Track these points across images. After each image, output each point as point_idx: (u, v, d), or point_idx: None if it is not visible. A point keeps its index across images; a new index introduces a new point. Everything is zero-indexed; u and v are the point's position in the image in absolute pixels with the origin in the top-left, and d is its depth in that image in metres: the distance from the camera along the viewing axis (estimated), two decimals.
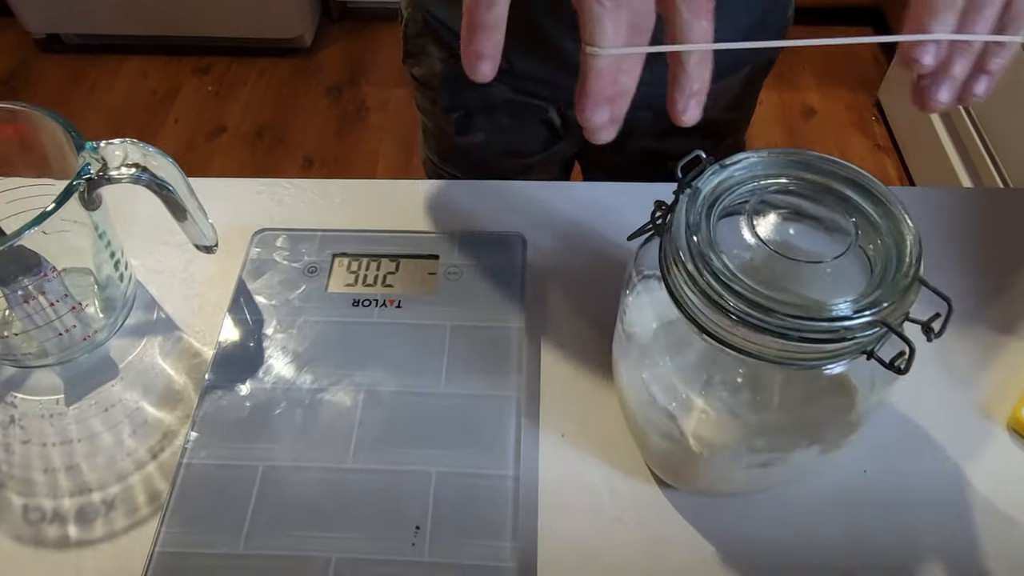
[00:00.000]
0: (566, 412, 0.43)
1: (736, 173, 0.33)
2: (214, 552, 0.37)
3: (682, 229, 0.30)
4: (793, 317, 0.28)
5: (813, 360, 0.30)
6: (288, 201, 0.53)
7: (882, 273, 0.30)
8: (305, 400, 0.42)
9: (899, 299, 0.29)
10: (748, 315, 0.28)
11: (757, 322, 0.28)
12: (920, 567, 0.38)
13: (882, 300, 0.29)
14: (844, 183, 0.32)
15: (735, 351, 0.30)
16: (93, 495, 0.40)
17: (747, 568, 0.38)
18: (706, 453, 0.35)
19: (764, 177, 0.33)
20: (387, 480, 0.39)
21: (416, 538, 0.37)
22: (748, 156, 0.33)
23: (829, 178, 0.33)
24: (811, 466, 0.39)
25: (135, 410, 0.43)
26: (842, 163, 0.33)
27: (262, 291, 0.47)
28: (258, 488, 0.39)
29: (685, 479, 0.39)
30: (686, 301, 0.31)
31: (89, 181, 0.38)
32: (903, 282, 0.29)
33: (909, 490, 0.40)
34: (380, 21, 2.02)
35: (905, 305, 0.29)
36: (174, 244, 0.51)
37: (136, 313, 0.48)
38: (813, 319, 0.28)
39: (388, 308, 0.46)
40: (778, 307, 0.28)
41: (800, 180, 0.33)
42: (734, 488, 0.40)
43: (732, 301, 0.29)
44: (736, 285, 0.29)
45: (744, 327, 0.29)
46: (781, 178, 0.33)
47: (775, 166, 0.33)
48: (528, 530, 0.39)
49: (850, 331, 0.28)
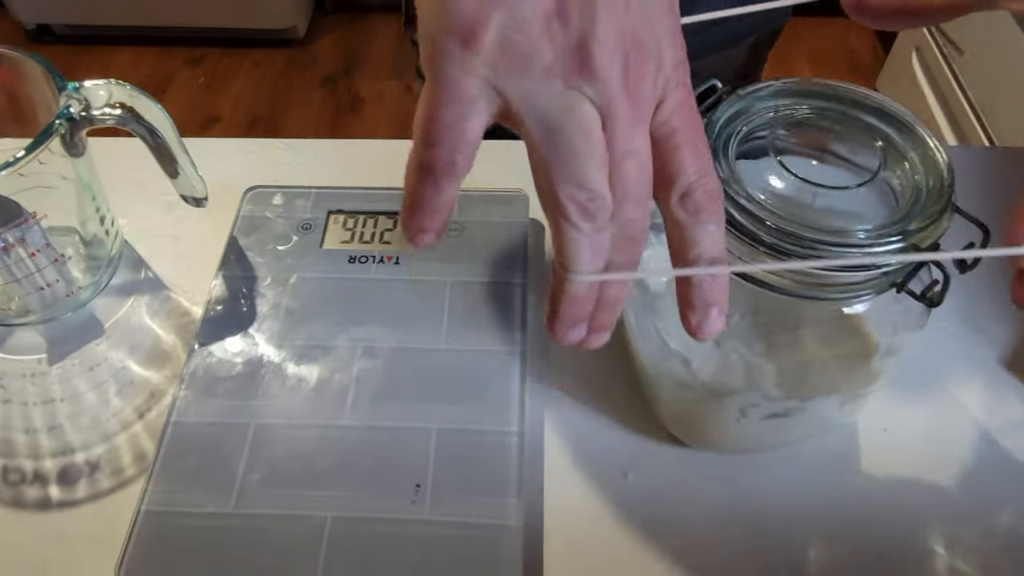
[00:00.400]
0: (571, 369, 0.41)
1: (754, 103, 0.31)
2: (203, 511, 0.35)
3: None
4: (821, 242, 0.26)
5: (839, 294, 0.29)
6: (282, 161, 0.52)
7: (912, 200, 0.28)
8: (300, 356, 0.40)
9: (932, 224, 0.27)
10: (775, 243, 0.27)
11: (787, 247, 0.27)
12: (941, 526, 0.36)
13: (914, 225, 0.27)
14: (867, 111, 0.31)
15: (760, 286, 0.28)
16: (76, 455, 0.38)
17: (759, 527, 0.36)
18: (723, 401, 0.34)
19: (783, 107, 0.31)
20: (386, 437, 0.37)
21: (416, 496, 0.35)
22: (767, 84, 0.31)
23: (851, 106, 0.31)
24: (829, 420, 0.37)
25: (121, 369, 0.41)
26: (864, 91, 0.31)
27: (254, 248, 0.45)
28: (250, 446, 0.37)
29: (700, 434, 0.38)
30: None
31: (71, 122, 0.36)
32: (935, 207, 0.27)
33: (930, 448, 0.38)
34: (374, 13, 2.01)
35: (937, 232, 0.27)
36: (163, 204, 0.49)
37: (123, 272, 0.46)
38: (842, 244, 0.26)
39: (386, 264, 0.44)
40: (806, 232, 0.26)
41: (821, 109, 0.31)
42: (750, 444, 0.38)
43: (757, 228, 0.27)
44: (759, 212, 0.27)
45: (770, 257, 0.27)
46: (801, 107, 0.31)
47: (794, 95, 0.32)
48: (534, 488, 0.37)
49: (880, 257, 0.27)
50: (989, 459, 0.38)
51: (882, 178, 0.29)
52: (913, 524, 0.36)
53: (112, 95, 0.37)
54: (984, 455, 0.38)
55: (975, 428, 0.39)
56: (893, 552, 0.35)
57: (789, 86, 0.31)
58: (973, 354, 0.42)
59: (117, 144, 0.51)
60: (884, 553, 0.35)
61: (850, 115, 0.31)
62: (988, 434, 0.39)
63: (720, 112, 0.30)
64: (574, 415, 0.40)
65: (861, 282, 0.28)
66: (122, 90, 0.38)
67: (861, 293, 0.28)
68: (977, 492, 0.37)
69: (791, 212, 0.27)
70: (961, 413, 0.40)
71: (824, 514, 0.36)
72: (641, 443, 0.39)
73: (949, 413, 0.40)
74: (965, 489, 0.37)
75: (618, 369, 0.41)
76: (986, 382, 0.41)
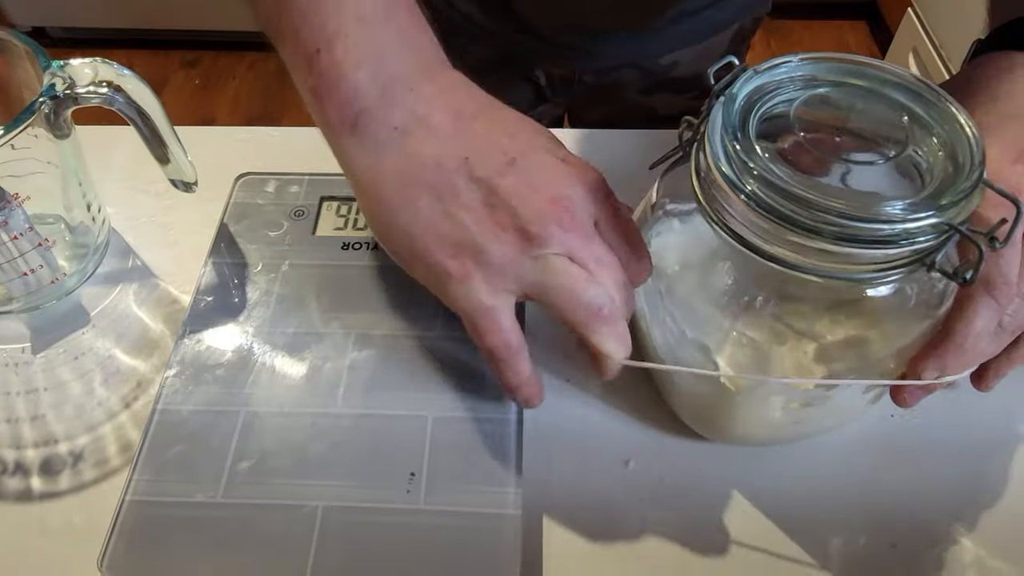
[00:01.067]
0: (571, 356, 0.40)
1: (773, 79, 0.30)
2: (190, 501, 0.34)
3: (718, 136, 0.28)
4: (847, 217, 0.25)
5: (867, 274, 0.27)
6: (274, 148, 0.51)
7: (941, 177, 0.27)
8: (291, 344, 0.39)
9: (965, 199, 0.26)
10: (797, 217, 0.26)
11: (809, 223, 0.25)
12: (948, 513, 0.35)
13: (944, 201, 0.26)
14: (891, 87, 0.30)
15: (784, 267, 0.27)
16: (60, 446, 0.37)
17: (763, 516, 0.35)
18: (744, 392, 0.32)
19: (802, 84, 0.30)
20: (379, 425, 0.36)
21: (411, 485, 0.34)
22: (786, 60, 0.30)
23: (874, 82, 0.30)
24: (853, 410, 0.36)
25: (107, 358, 0.40)
26: (888, 66, 0.30)
27: (245, 235, 0.44)
28: (239, 434, 0.36)
29: (720, 427, 0.36)
30: (726, 215, 0.28)
31: (54, 100, 0.35)
32: (965, 183, 0.26)
33: (936, 435, 0.37)
34: None
35: (969, 207, 0.26)
36: (152, 192, 0.48)
37: (110, 261, 0.45)
38: (868, 220, 0.25)
39: (380, 251, 0.43)
40: (830, 201, 0.25)
41: (842, 85, 0.30)
42: (771, 436, 0.37)
43: (787, 205, 0.26)
44: (783, 184, 0.26)
45: (795, 234, 0.26)
46: (821, 85, 0.30)
47: (813, 72, 0.30)
48: (534, 477, 0.36)
49: (909, 234, 0.25)
50: (1000, 446, 0.37)
51: (908, 155, 0.28)
52: (924, 512, 0.35)
53: (98, 73, 0.36)
54: (995, 442, 0.37)
55: (985, 415, 0.38)
56: (903, 540, 0.34)
57: (808, 62, 0.30)
58: None
59: (107, 132, 0.50)
60: (895, 541, 0.34)
61: (874, 91, 0.30)
62: (999, 422, 0.38)
63: (738, 89, 0.29)
64: (575, 402, 0.39)
65: (890, 261, 0.27)
66: (109, 69, 0.37)
67: (890, 272, 0.27)
68: (988, 480, 0.36)
69: (816, 190, 0.26)
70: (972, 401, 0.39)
71: (833, 503, 0.35)
72: (643, 431, 0.38)
73: (960, 401, 0.39)
74: (975, 477, 0.36)
75: None
76: None
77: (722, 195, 0.28)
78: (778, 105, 0.30)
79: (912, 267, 0.27)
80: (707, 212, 0.29)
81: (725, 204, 0.28)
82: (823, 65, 0.30)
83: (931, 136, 0.28)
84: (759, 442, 0.37)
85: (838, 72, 0.30)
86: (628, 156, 0.49)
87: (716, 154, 0.28)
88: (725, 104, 0.29)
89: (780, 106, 0.30)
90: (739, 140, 0.27)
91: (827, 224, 0.25)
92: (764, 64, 0.30)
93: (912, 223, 0.25)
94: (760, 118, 0.29)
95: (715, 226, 0.29)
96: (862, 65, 0.30)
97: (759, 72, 0.30)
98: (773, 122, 0.29)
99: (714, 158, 0.28)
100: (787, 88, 0.30)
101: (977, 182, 0.26)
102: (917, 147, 0.28)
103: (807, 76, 0.30)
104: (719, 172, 0.27)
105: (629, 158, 0.49)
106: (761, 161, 0.27)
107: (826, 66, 0.30)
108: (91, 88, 0.36)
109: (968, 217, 0.26)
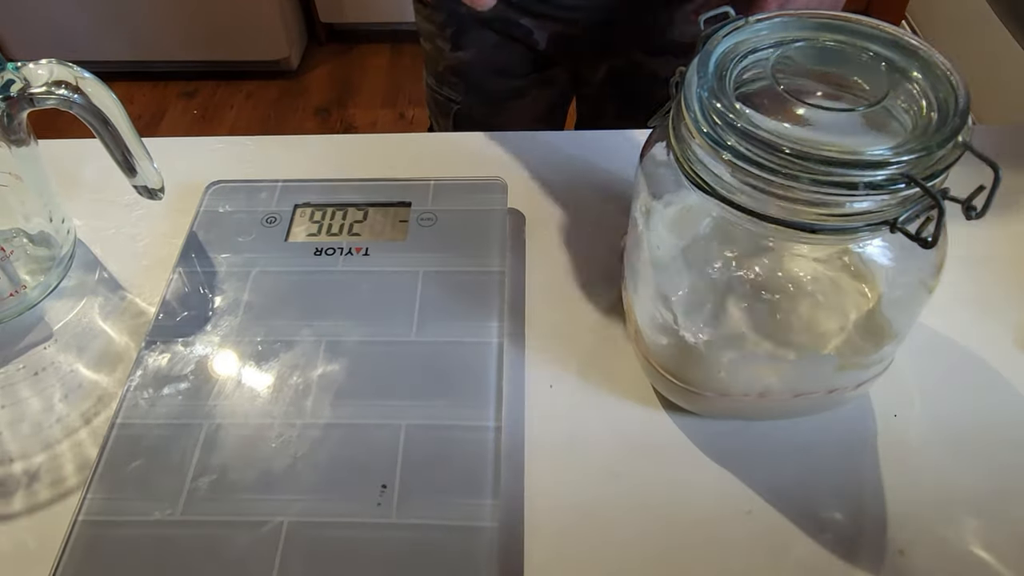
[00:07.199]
0: (555, 360, 0.38)
1: (754, 34, 0.29)
2: (147, 519, 0.32)
3: (694, 85, 0.27)
4: (833, 161, 0.24)
5: (840, 225, 0.26)
6: (248, 158, 0.49)
7: (923, 130, 0.26)
8: (259, 353, 0.37)
9: (931, 153, 0.24)
10: (784, 169, 0.24)
11: (779, 167, 0.24)
12: (951, 511, 0.33)
13: (911, 150, 0.24)
14: (878, 42, 0.29)
15: (760, 219, 0.26)
16: (13, 465, 0.35)
17: (757, 524, 0.32)
18: (706, 346, 0.31)
19: (790, 39, 0.29)
20: (349, 435, 0.34)
21: (382, 498, 0.32)
22: (768, 16, 0.30)
23: (859, 37, 0.29)
24: (826, 381, 0.33)
25: (68, 373, 0.38)
26: (875, 22, 0.29)
27: (214, 243, 0.42)
28: (201, 448, 0.34)
29: (686, 391, 0.34)
30: (700, 167, 0.27)
31: (8, 100, 0.34)
32: (937, 137, 0.25)
33: (940, 434, 0.35)
34: (366, 43, 2.01)
35: (936, 162, 0.25)
36: (122, 204, 0.46)
37: (76, 274, 0.43)
38: (857, 164, 0.24)
39: (354, 256, 0.41)
40: (818, 151, 0.24)
41: (828, 41, 0.29)
42: (741, 406, 0.35)
43: (768, 155, 0.25)
44: (749, 127, 0.25)
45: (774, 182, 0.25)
46: (807, 39, 0.29)
47: (801, 28, 0.30)
48: (513, 487, 0.34)
49: (879, 185, 0.24)
50: (1006, 446, 0.35)
51: (887, 107, 0.27)
52: (929, 514, 0.33)
53: (53, 74, 0.35)
54: (1002, 442, 0.35)
55: (991, 414, 0.36)
56: (910, 546, 0.32)
57: (796, 20, 0.29)
58: (987, 339, 0.39)
59: (78, 146, 0.49)
60: (903, 547, 0.32)
61: (859, 45, 0.29)
62: (1004, 421, 0.36)
63: (718, 44, 0.28)
64: (557, 408, 0.36)
65: (857, 213, 0.25)
66: (66, 70, 0.35)
67: (857, 227, 0.26)
68: (994, 480, 0.34)
69: (797, 139, 0.25)
70: (976, 399, 0.37)
71: (834, 507, 0.33)
72: (629, 437, 0.35)
73: (965, 399, 0.36)
74: (982, 477, 0.34)
75: (604, 361, 0.38)
76: (1001, 367, 0.38)
77: (692, 138, 0.27)
78: (762, 57, 0.29)
79: (877, 228, 0.25)
80: (684, 169, 0.28)
81: (691, 145, 0.27)
82: (811, 22, 0.30)
83: (911, 83, 0.27)
84: (731, 413, 0.35)
85: (824, 28, 0.30)
86: (624, 153, 0.48)
87: (689, 102, 0.27)
88: (702, 58, 0.28)
89: (761, 60, 0.29)
90: (716, 96, 0.26)
91: (809, 174, 0.24)
92: (753, 17, 0.30)
93: (880, 172, 0.24)
94: (740, 72, 0.28)
95: (694, 185, 0.28)
96: (851, 22, 0.29)
97: (739, 27, 0.29)
98: (754, 77, 0.29)
99: (687, 104, 0.27)
100: (770, 41, 0.29)
101: (951, 136, 0.25)
102: (897, 97, 0.27)
103: (791, 32, 0.30)
104: (691, 120, 0.27)
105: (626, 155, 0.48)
106: (739, 116, 0.26)
107: (814, 22, 0.30)
108: (47, 89, 0.34)
109: (941, 174, 0.25)
